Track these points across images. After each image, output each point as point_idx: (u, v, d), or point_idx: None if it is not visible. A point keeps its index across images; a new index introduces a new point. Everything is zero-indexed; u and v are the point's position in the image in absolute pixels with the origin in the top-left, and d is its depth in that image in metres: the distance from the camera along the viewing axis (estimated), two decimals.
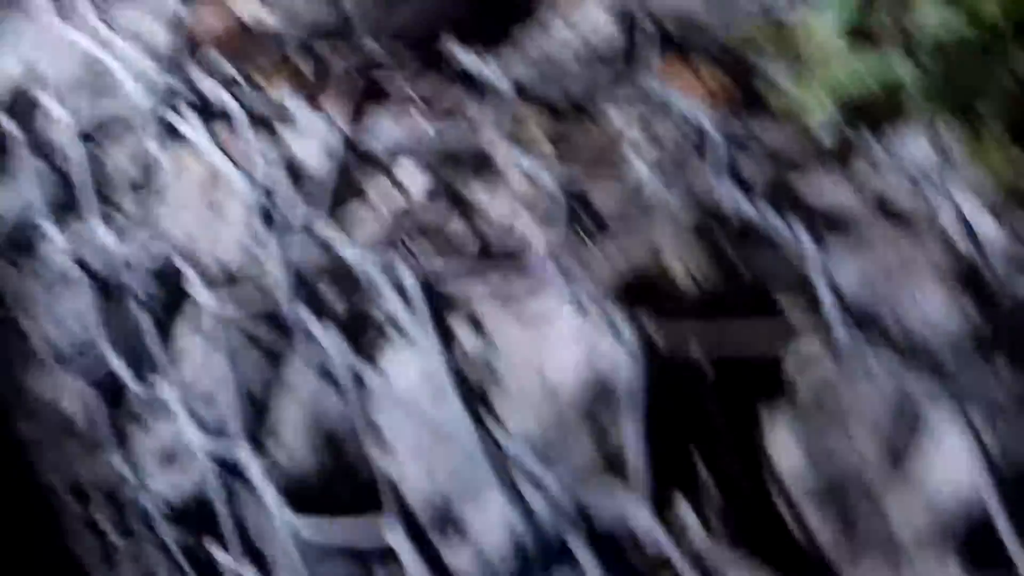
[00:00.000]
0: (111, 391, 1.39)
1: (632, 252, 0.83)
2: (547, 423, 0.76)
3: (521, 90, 1.10)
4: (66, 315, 1.49)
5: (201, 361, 1.08)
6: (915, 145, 1.04)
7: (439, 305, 0.85)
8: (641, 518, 0.65)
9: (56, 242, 1.43)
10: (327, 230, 0.91)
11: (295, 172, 1.00)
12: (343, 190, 0.98)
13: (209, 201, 1.01)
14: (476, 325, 0.84)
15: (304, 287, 0.90)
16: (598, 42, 1.16)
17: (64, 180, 1.45)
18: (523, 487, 0.70)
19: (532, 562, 0.76)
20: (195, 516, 1.17)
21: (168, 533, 1.26)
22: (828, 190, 0.99)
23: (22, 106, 1.52)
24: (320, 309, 0.89)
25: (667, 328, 0.77)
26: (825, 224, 0.95)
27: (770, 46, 1.10)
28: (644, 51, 1.11)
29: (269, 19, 1.25)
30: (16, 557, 2.08)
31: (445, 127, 1.08)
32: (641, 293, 0.82)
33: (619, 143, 1.06)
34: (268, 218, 0.93)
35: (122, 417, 1.31)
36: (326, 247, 0.91)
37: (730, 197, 0.92)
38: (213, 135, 1.05)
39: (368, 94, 1.14)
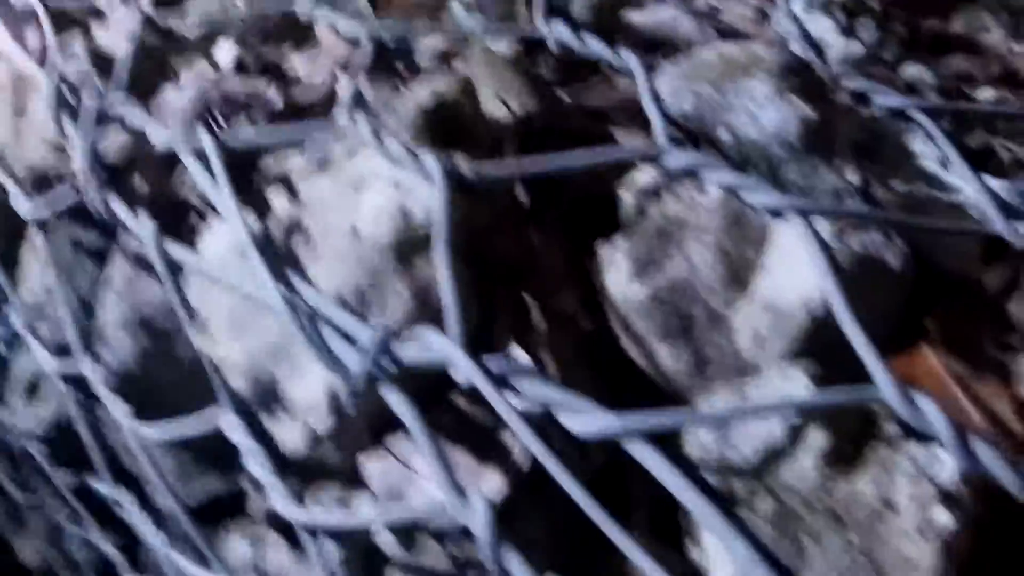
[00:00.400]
0: None
1: (431, 88, 0.78)
2: (359, 277, 0.71)
3: None
4: None
5: (37, 278, 1.03)
6: None
7: (248, 175, 0.80)
8: (456, 361, 0.60)
9: None
10: (131, 114, 0.85)
11: (101, 63, 0.95)
12: (150, 74, 0.92)
13: (15, 106, 0.95)
14: (288, 190, 0.79)
15: (113, 177, 0.84)
16: None
17: None
18: (336, 347, 0.65)
19: (354, 426, 0.72)
20: (67, 449, 1.13)
21: (57, 476, 1.22)
22: (658, 15, 0.94)
23: None
24: (131, 198, 0.84)
25: (481, 162, 0.71)
26: (657, 49, 0.91)
27: None
28: None
29: None
30: None
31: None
32: (452, 130, 0.77)
33: None
34: (72, 112, 0.87)
35: None
36: (131, 132, 0.86)
37: (554, 29, 0.87)
38: (15, 37, 0.99)
39: None
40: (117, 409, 0.88)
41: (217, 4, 1.03)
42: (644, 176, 0.75)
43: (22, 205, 0.96)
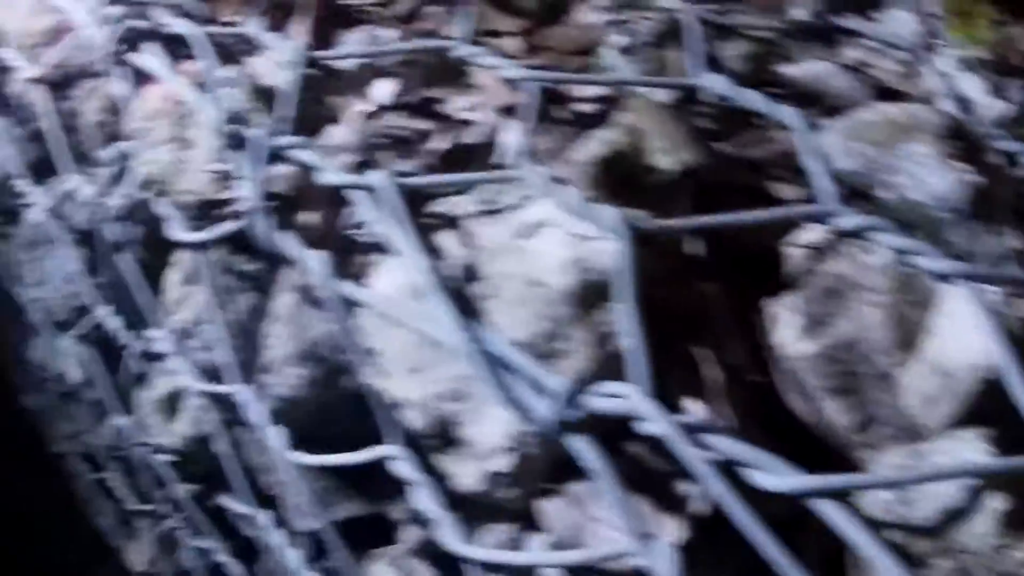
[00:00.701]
0: (109, 350, 1.37)
1: (605, 139, 0.80)
2: (540, 325, 0.73)
3: None
4: (55, 276, 1.48)
5: (188, 302, 1.06)
6: (899, 17, 1.01)
7: (418, 213, 0.82)
8: (647, 414, 0.62)
9: (36, 201, 1.40)
10: (297, 148, 0.87)
11: (260, 95, 0.98)
12: (310, 106, 0.95)
13: (175, 133, 0.98)
14: (458, 231, 0.81)
15: (278, 209, 0.87)
16: None
17: (36, 135, 1.43)
18: (522, 393, 0.67)
19: (534, 469, 0.74)
20: (203, 466, 1.16)
21: (179, 489, 1.25)
22: (812, 69, 0.96)
23: None
24: (298, 230, 0.86)
25: (656, 215, 0.74)
26: (811, 102, 0.93)
27: None
28: None
29: None
30: (34, 528, 2.08)
31: (411, 35, 1.06)
32: (623, 180, 0.79)
33: (591, 37, 1.03)
34: (236, 142, 0.89)
35: (122, 375, 1.29)
36: (297, 165, 0.88)
37: (710, 81, 0.89)
38: (175, 67, 1.02)
39: (332, 16, 1.11)
40: (274, 437, 0.91)
41: (371, 40, 1.06)
42: (811, 234, 0.77)
43: (179, 232, 0.98)
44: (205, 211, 0.96)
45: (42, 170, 1.43)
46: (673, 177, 0.81)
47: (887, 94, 0.94)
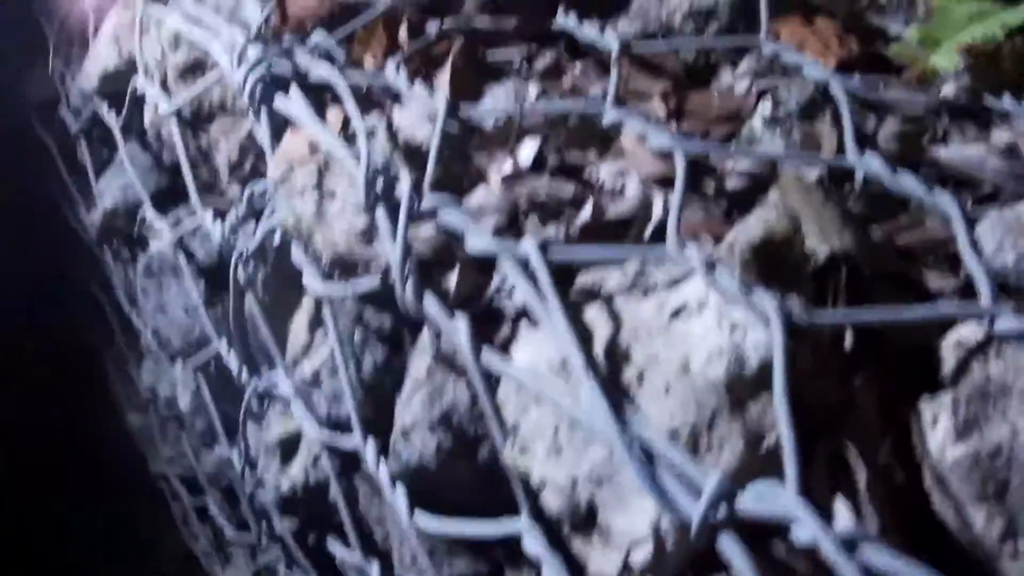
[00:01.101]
0: (222, 383, 1.38)
1: (762, 221, 0.78)
2: (690, 415, 0.71)
3: (633, 54, 1.06)
4: (174, 306, 1.49)
5: (316, 350, 1.06)
6: None
7: (566, 285, 0.81)
8: (801, 519, 0.60)
9: (162, 230, 1.41)
10: (445, 211, 0.86)
11: (403, 147, 0.97)
12: (452, 163, 0.94)
13: (316, 181, 0.97)
14: (605, 306, 0.79)
15: (420, 269, 0.86)
16: (710, 2, 1.11)
17: (167, 168, 1.44)
18: (670, 486, 0.66)
19: (675, 562, 0.72)
20: (313, 510, 1.15)
21: (284, 526, 1.25)
22: (964, 152, 0.93)
23: (121, 94, 1.50)
24: (438, 292, 0.85)
25: (811, 305, 0.72)
26: (963, 186, 0.90)
27: None
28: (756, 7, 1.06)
29: None
30: (131, 545, 2.10)
31: (555, 94, 1.05)
32: (777, 265, 0.77)
33: (737, 104, 1.01)
34: (378, 197, 0.89)
35: (236, 409, 1.29)
36: (440, 225, 0.87)
37: (866, 162, 0.87)
38: (317, 112, 1.01)
39: (476, 68, 1.10)
40: (397, 497, 0.89)
41: (514, 95, 1.05)
42: (967, 332, 0.74)
43: (316, 284, 0.98)
44: (343, 264, 0.95)
45: (169, 201, 1.45)
46: (825, 263, 0.78)
47: None
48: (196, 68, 1.29)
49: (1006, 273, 0.80)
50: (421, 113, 1.02)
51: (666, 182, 0.88)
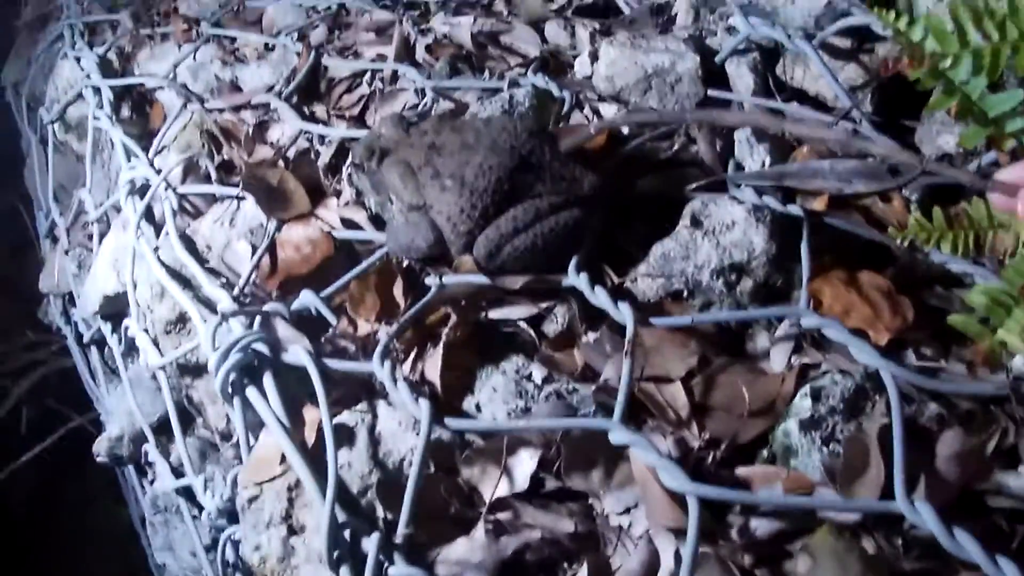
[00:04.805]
0: None
1: None
2: None
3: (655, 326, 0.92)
4: (182, 547, 1.39)
5: None
6: None
7: None
8: None
9: (163, 475, 1.31)
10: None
11: (380, 468, 0.86)
12: (438, 482, 0.86)
13: (284, 511, 0.86)
14: None
15: None
16: (741, 257, 0.96)
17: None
18: None
19: None
20: None
21: None
22: None
23: (123, 316, 1.41)
24: None
25: None
26: None
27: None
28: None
29: (369, 234, 1.10)
30: None
31: (563, 376, 0.94)
32: None
33: (773, 390, 0.87)
34: (343, 557, 0.78)
35: None
36: None
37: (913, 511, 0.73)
38: (288, 412, 0.90)
39: (474, 341, 0.96)
40: None
41: (516, 389, 0.92)
42: None
43: None
44: None
45: (165, 434, 1.34)
46: None
47: None
48: (180, 322, 1.18)
49: None
50: (406, 419, 0.90)
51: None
